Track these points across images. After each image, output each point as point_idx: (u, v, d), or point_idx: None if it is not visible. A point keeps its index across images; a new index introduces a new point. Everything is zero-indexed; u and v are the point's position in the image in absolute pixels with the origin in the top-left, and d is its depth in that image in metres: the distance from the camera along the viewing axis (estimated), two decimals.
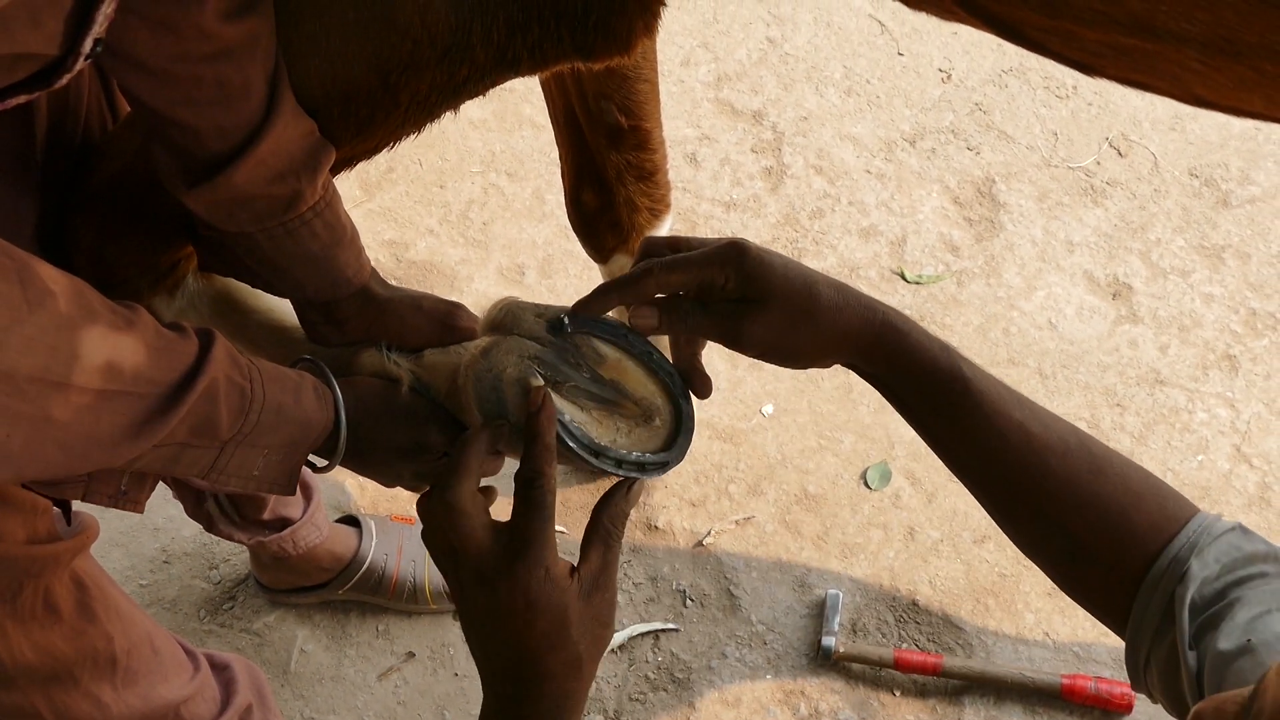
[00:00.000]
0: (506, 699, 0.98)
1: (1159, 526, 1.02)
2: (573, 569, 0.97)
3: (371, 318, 1.19)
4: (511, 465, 1.04)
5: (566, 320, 1.11)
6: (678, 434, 1.12)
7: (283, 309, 1.27)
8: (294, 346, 1.24)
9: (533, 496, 0.96)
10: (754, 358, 1.09)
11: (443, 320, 1.18)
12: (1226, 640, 0.91)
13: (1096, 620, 1.09)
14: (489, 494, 1.06)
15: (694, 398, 1.16)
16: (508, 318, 1.14)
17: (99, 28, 0.82)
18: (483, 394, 1.08)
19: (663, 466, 1.08)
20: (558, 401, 1.05)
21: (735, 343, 1.06)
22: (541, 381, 1.05)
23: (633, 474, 1.06)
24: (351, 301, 1.18)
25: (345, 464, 1.13)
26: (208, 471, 1.01)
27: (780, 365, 1.11)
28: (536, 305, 1.13)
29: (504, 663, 0.97)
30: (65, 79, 0.85)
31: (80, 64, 0.84)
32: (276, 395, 1.02)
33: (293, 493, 1.08)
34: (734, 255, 1.06)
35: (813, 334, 1.06)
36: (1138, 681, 1.04)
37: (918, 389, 1.07)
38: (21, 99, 0.86)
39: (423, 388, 1.15)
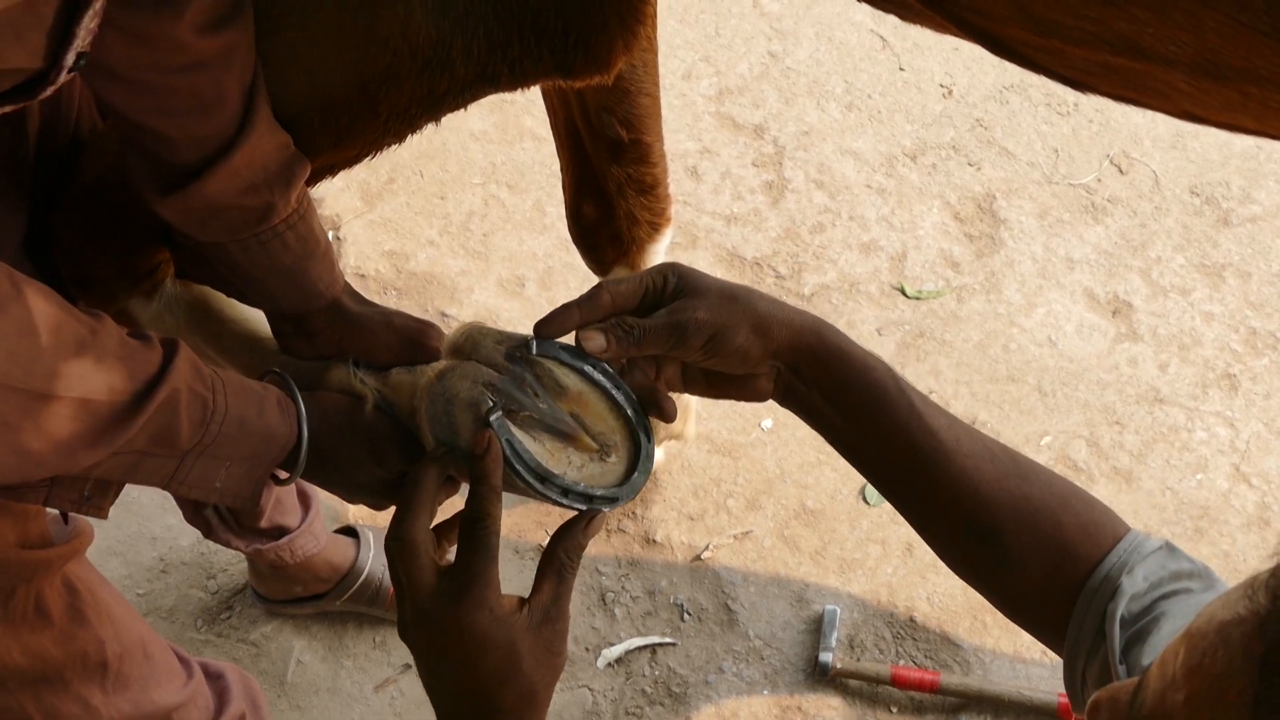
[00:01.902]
0: None
1: (1088, 532, 1.03)
2: (522, 601, 0.98)
3: (343, 332, 1.18)
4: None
5: (533, 344, 1.09)
6: (633, 471, 1.09)
7: (257, 319, 1.28)
8: (266, 357, 1.24)
9: (476, 536, 0.96)
10: (698, 358, 1.08)
11: (413, 338, 1.17)
12: (1152, 656, 0.92)
13: (1034, 638, 1.10)
14: (450, 533, 1.05)
15: (656, 431, 1.13)
16: (468, 342, 1.12)
17: (81, 41, 0.83)
18: (435, 417, 1.07)
19: (611, 501, 1.05)
20: (508, 426, 1.04)
21: (681, 336, 1.05)
22: (491, 405, 1.03)
23: (578, 505, 1.04)
24: (323, 315, 1.18)
25: (307, 478, 1.13)
26: (168, 481, 1.00)
27: (724, 366, 1.09)
28: (499, 331, 1.12)
29: (456, 700, 0.97)
30: (49, 91, 0.85)
31: (63, 77, 0.85)
32: (239, 407, 1.02)
33: (256, 506, 1.08)
34: (671, 264, 1.09)
35: (751, 316, 1.06)
36: (1076, 702, 1.06)
37: (854, 389, 1.08)
38: (7, 109, 0.86)
39: (387, 406, 1.14)
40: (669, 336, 1.06)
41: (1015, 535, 1.04)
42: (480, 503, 0.97)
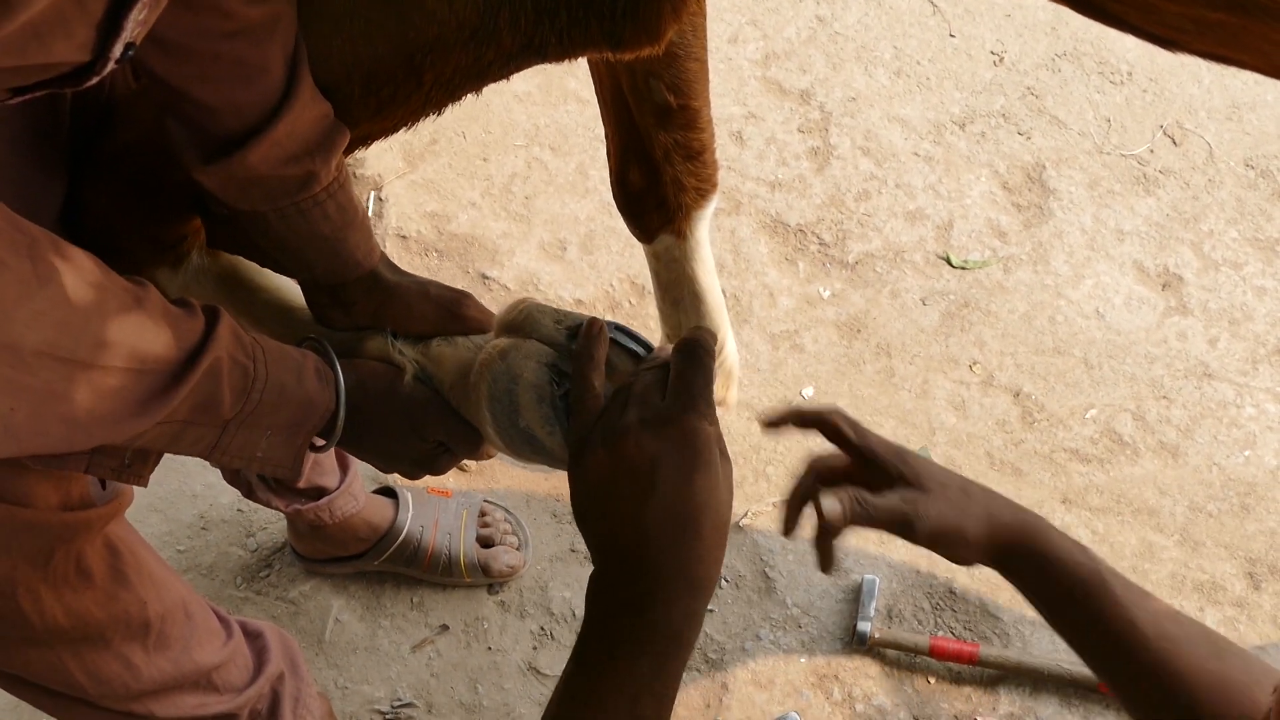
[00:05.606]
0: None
1: None
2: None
3: (379, 302, 1.18)
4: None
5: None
6: None
7: (289, 289, 1.26)
8: (299, 327, 1.24)
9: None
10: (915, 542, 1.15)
11: (450, 309, 1.17)
12: None
13: None
14: None
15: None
16: (526, 321, 1.12)
17: (129, 34, 0.81)
18: (496, 395, 1.07)
19: None
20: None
21: (907, 529, 1.14)
22: (556, 389, 1.04)
23: None
24: (359, 285, 1.17)
25: (344, 446, 1.13)
26: (210, 450, 1.00)
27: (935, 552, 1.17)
28: (556, 310, 1.12)
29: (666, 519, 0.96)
30: (93, 81, 0.84)
31: (110, 67, 0.83)
32: (279, 375, 1.02)
33: (298, 476, 1.08)
34: (907, 455, 1.18)
35: (979, 529, 1.14)
36: None
37: (1060, 585, 1.13)
38: (51, 90, 0.86)
39: (426, 377, 1.14)
40: (896, 524, 1.12)
41: (1213, 708, 1.09)
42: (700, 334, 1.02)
